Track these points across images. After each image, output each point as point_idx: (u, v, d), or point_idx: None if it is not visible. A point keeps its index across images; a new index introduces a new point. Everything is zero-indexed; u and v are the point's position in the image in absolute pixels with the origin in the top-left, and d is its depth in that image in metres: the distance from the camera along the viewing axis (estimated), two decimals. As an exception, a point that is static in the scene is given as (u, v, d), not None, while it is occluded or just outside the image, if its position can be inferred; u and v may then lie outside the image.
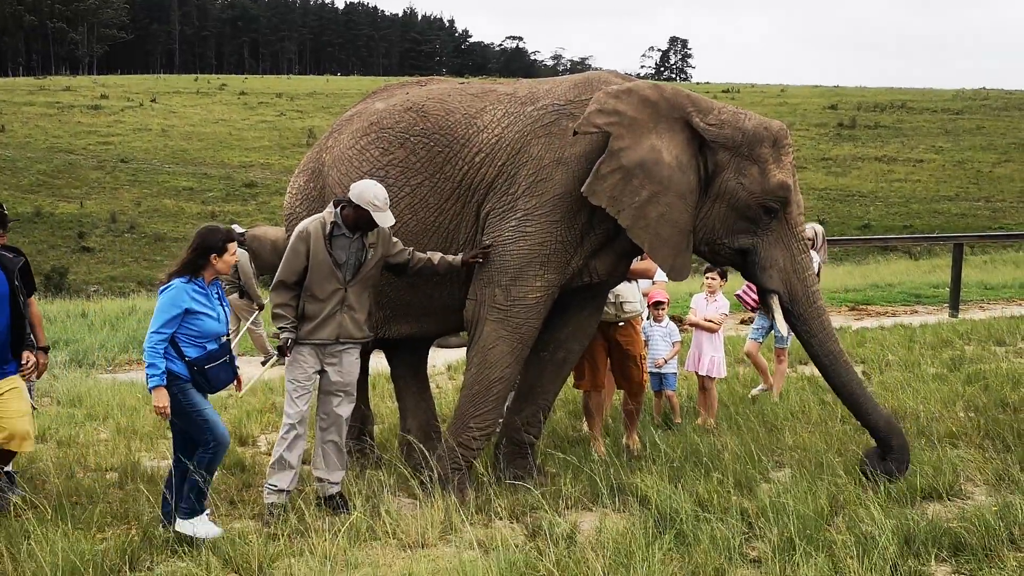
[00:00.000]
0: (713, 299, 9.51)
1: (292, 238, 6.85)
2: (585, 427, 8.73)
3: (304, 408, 6.81)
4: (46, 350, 7.34)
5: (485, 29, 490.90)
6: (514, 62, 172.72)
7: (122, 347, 15.02)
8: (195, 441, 6.30)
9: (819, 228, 10.82)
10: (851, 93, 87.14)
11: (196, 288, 6.30)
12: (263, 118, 69.04)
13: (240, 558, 5.64)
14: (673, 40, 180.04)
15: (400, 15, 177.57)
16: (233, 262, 6.50)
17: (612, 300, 8.05)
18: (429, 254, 7.00)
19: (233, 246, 6.44)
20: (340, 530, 5.97)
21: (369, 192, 6.67)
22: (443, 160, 7.13)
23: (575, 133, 6.78)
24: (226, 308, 6.51)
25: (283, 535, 6.03)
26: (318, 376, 6.86)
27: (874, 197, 50.66)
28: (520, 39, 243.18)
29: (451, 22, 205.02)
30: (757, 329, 10.37)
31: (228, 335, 6.55)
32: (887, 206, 49.15)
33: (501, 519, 6.29)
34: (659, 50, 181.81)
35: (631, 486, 6.77)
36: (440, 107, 7.29)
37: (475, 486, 6.88)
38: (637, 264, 7.96)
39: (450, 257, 6.99)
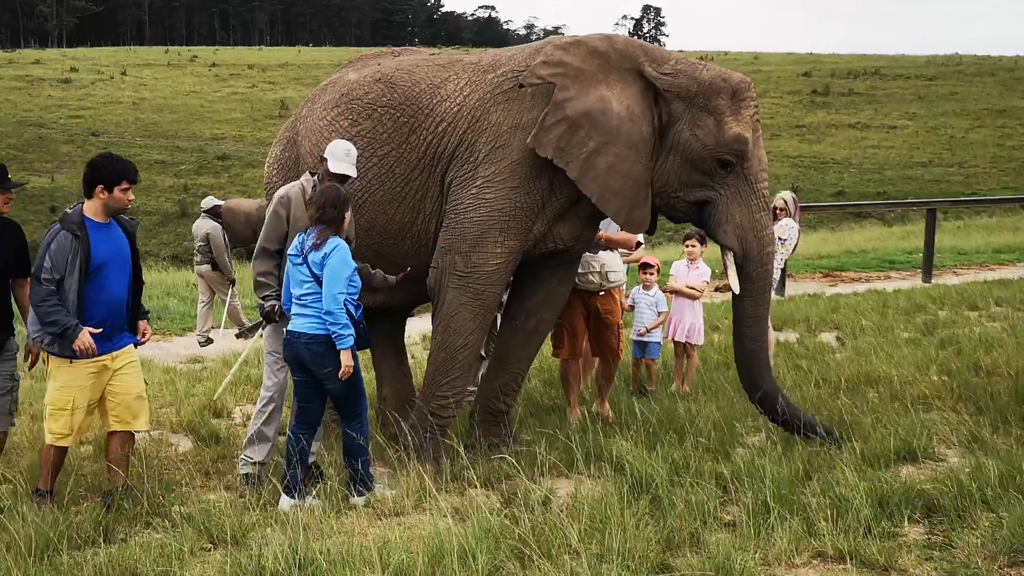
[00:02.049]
0: (695, 266, 9.47)
1: (272, 204, 6.81)
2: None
3: (283, 379, 6.78)
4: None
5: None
6: (487, 31, 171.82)
7: (95, 321, 14.88)
8: (350, 408, 6.33)
9: (790, 195, 10.76)
10: (825, 60, 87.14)
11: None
12: (235, 90, 68.43)
13: (215, 528, 5.62)
14: (646, 8, 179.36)
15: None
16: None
17: (597, 269, 8.03)
18: (367, 266, 6.99)
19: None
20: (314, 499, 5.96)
21: (334, 147, 6.69)
22: (408, 130, 7.10)
23: (520, 86, 6.78)
24: None
25: (257, 505, 6.01)
26: None
27: (848, 164, 50.77)
28: (492, 8, 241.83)
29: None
30: None
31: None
32: (861, 173, 49.27)
33: (476, 487, 6.29)
34: (632, 19, 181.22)
35: (607, 452, 6.78)
36: (407, 78, 7.27)
37: (450, 454, 6.87)
38: (618, 234, 7.94)
39: (387, 276, 7.01)
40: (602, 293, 8.20)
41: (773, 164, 48.26)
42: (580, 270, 7.93)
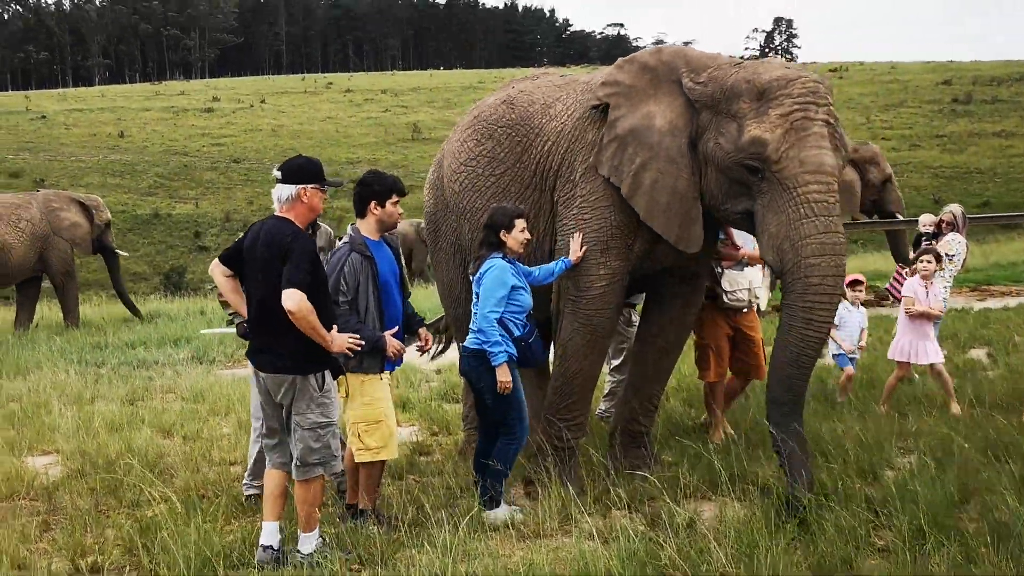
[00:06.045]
0: (931, 284, 9.11)
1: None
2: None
3: None
4: None
5: (586, 17, 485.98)
6: (616, 49, 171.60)
7: (240, 343, 15.30)
8: (504, 426, 6.45)
9: (959, 209, 10.52)
10: (966, 68, 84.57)
11: (511, 264, 6.50)
12: (369, 114, 69.88)
13: (363, 550, 5.70)
14: (778, 20, 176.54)
15: (501, 7, 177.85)
16: (523, 240, 6.56)
17: (745, 286, 7.94)
18: None
19: (521, 222, 6.54)
20: (460, 522, 5.99)
21: None
22: (522, 150, 7.19)
23: (594, 107, 6.79)
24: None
25: (403, 527, 6.07)
26: None
27: (993, 173, 49.12)
28: (621, 25, 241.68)
29: (552, 12, 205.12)
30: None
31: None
32: (1007, 182, 47.59)
33: (619, 509, 6.24)
34: (763, 31, 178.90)
35: (751, 474, 6.66)
36: (526, 98, 7.37)
37: (592, 477, 6.84)
38: (756, 251, 7.80)
39: None
40: (745, 310, 8.08)
41: (913, 176, 47.02)
42: (728, 288, 7.85)
